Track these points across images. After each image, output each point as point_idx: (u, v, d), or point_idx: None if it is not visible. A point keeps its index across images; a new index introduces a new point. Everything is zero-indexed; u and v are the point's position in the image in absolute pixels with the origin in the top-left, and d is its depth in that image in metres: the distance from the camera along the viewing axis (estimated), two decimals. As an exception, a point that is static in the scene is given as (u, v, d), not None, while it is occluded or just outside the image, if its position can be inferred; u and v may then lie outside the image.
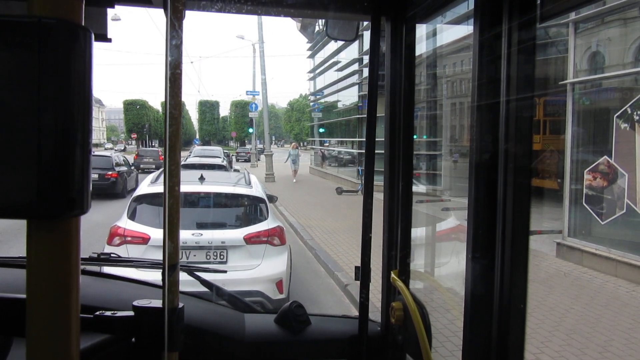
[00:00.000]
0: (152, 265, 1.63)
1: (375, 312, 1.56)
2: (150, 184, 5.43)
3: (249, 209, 5.37)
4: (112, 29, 1.17)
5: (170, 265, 0.90)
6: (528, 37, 0.96)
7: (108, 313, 1.05)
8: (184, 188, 4.92)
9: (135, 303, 1.05)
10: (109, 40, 1.14)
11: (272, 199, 6.41)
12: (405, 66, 1.40)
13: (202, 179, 5.53)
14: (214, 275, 1.93)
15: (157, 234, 4.66)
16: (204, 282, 1.65)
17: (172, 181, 0.89)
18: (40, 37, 0.54)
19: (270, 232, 5.05)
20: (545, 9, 0.91)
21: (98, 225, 7.86)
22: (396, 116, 1.44)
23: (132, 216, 5.04)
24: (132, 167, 18.55)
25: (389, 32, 1.42)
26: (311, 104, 35.19)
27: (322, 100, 29.90)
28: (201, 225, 5.02)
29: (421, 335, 1.24)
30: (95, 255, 1.64)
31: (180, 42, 0.87)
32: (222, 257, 4.88)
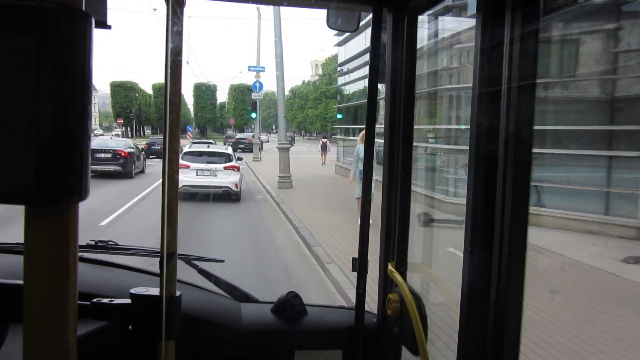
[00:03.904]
0: (149, 253, 1.63)
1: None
2: (187, 147, 14.43)
3: (225, 157, 13.51)
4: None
5: (169, 253, 0.90)
6: (532, 28, 0.95)
7: (105, 300, 1.05)
8: (202, 148, 14.42)
9: (132, 291, 1.04)
10: (109, 27, 1.12)
11: (239, 159, 14.46)
12: (406, 57, 1.39)
13: (207, 146, 15.54)
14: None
15: (194, 165, 12.65)
16: (202, 272, 1.65)
17: (172, 169, 0.88)
18: (40, 22, 0.53)
19: (233, 166, 13.09)
20: (550, 0, 0.91)
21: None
22: (396, 107, 1.43)
23: (183, 158, 12.50)
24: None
25: (390, 23, 1.41)
26: (338, 78, 28.13)
27: (354, 75, 23.08)
28: (208, 162, 12.98)
29: (417, 327, 1.25)
30: (93, 243, 1.64)
31: (181, 29, 0.86)
32: (215, 174, 12.79)
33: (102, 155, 17.16)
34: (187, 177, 12.22)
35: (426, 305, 1.34)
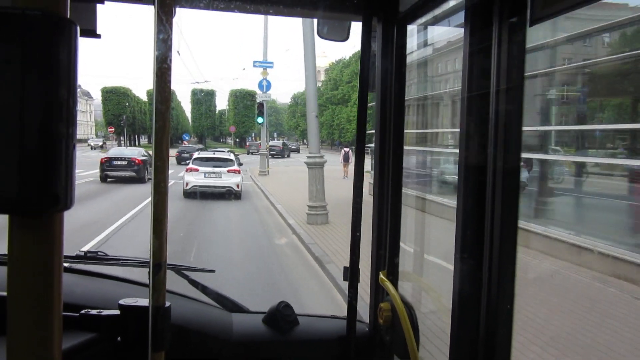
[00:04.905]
0: (139, 263, 1.62)
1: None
2: (197, 154, 17.95)
3: (229, 161, 16.41)
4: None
5: (157, 263, 0.89)
6: (518, 38, 0.96)
7: (94, 312, 1.05)
8: (209, 155, 17.45)
9: (121, 302, 1.04)
10: (98, 36, 1.12)
11: (240, 164, 17.29)
12: (395, 66, 1.40)
13: (213, 153, 18.02)
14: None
15: (202, 169, 15.77)
16: (192, 282, 1.63)
17: (159, 177, 0.87)
18: (24, 29, 0.53)
19: (235, 170, 16.10)
20: (536, 10, 0.91)
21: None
22: (386, 116, 1.44)
23: (193, 163, 16.21)
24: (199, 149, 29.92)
25: (380, 33, 1.42)
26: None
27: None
28: (214, 166, 15.93)
29: (409, 336, 1.24)
30: (82, 254, 1.63)
31: (168, 37, 0.86)
32: (220, 176, 15.79)
33: (119, 162, 20.08)
34: (197, 179, 15.58)
35: (417, 314, 1.33)
